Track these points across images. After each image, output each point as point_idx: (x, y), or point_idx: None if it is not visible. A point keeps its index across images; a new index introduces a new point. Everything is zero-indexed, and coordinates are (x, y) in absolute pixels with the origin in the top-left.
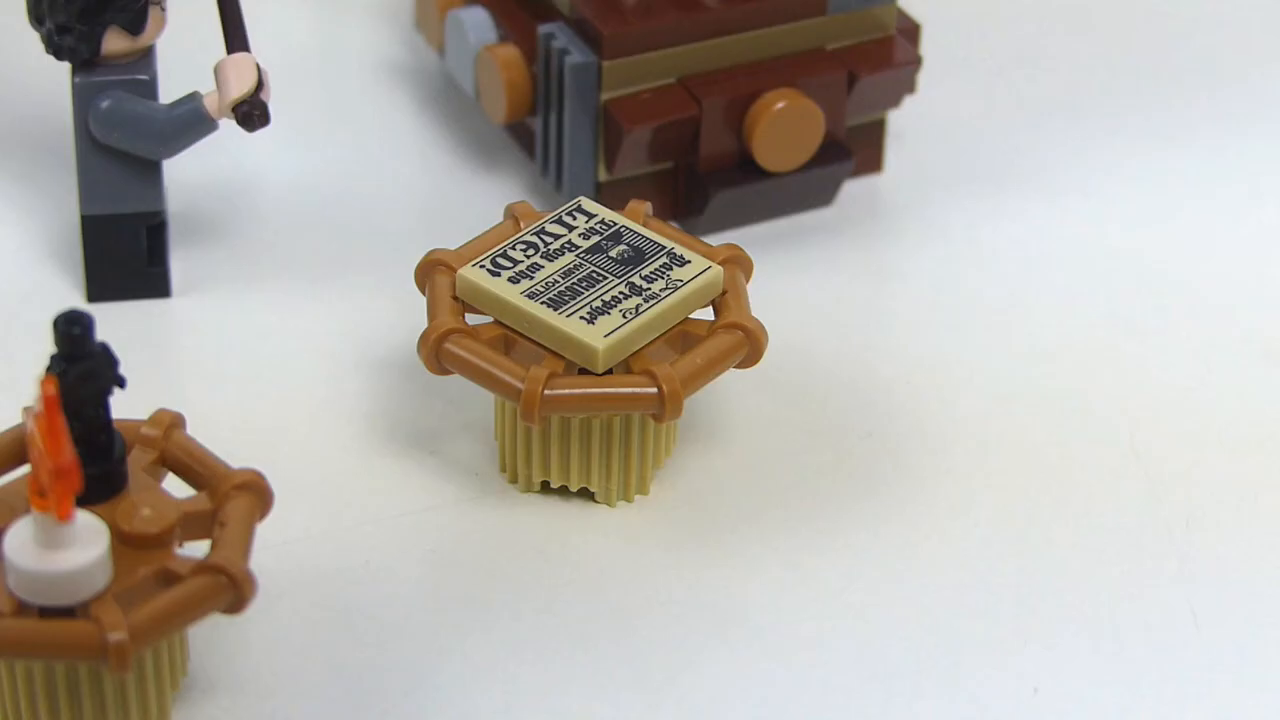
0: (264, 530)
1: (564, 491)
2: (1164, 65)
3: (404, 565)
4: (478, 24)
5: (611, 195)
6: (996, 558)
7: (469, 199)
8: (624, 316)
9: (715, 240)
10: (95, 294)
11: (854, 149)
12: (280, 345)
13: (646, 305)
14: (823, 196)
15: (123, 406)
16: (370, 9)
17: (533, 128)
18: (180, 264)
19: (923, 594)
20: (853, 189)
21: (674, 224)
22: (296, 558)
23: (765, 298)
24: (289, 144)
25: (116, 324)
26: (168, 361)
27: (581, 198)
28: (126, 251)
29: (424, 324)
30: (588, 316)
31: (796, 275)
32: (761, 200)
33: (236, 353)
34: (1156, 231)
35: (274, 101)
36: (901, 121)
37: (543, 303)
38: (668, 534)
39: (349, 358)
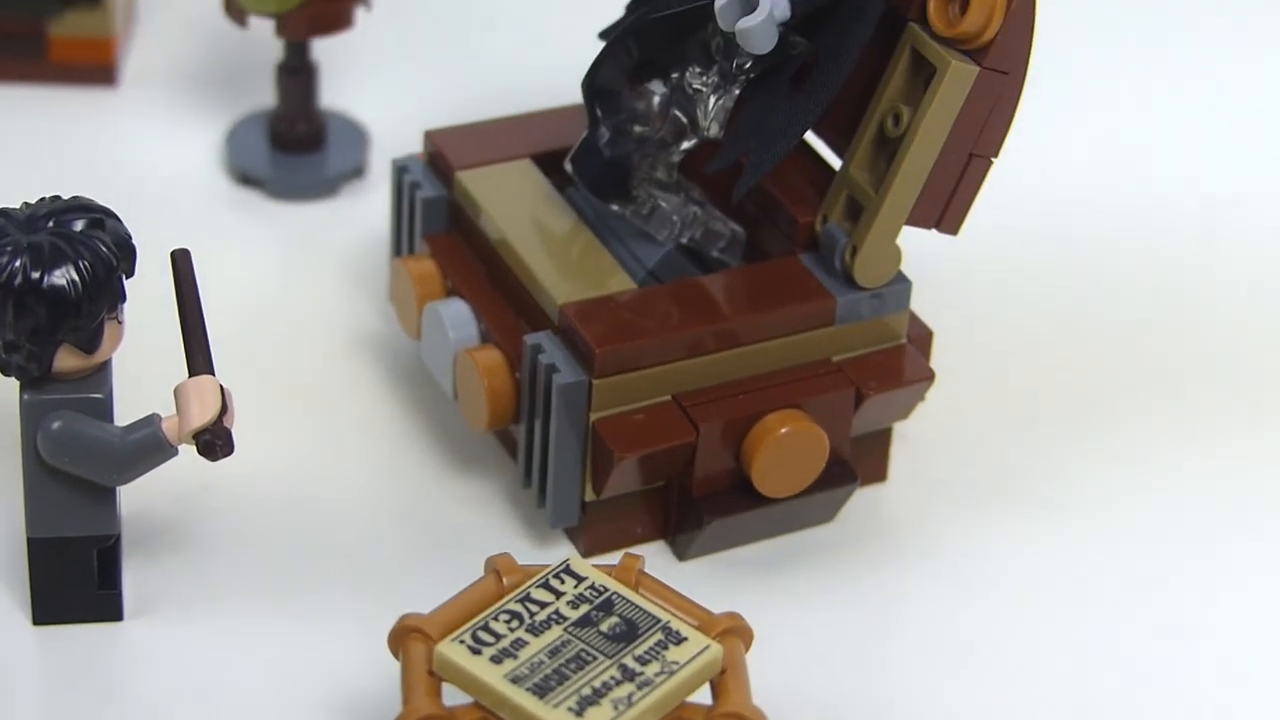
0: None
1: None
2: (1183, 384)
3: None
4: (458, 321)
5: (598, 513)
6: None
7: (446, 504)
8: (615, 709)
9: (703, 564)
10: (41, 617)
11: (858, 460)
12: (237, 683)
13: (640, 694)
14: (824, 515)
15: None
16: (342, 271)
17: (515, 433)
18: (133, 578)
19: None
20: (855, 499)
21: (668, 553)
22: None
23: (757, 632)
24: (251, 430)
25: (63, 650)
26: (116, 697)
27: (570, 558)
28: (76, 575)
29: (394, 666)
30: (576, 708)
31: (791, 607)
32: (759, 523)
33: (190, 691)
34: (1173, 566)
35: (235, 380)
36: (910, 428)
37: (528, 689)
38: None
39: (311, 701)
